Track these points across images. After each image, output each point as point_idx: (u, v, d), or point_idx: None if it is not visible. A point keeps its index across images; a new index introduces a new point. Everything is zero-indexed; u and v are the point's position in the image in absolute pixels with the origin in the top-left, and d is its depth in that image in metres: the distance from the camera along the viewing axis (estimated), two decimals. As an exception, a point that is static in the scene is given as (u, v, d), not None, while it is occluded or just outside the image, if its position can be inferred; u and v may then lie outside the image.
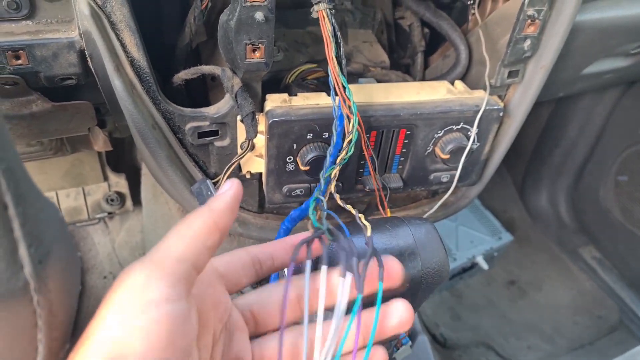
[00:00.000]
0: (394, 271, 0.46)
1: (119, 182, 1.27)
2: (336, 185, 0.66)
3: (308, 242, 0.45)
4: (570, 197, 1.91)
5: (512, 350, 1.63)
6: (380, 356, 0.44)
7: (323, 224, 0.47)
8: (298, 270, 0.46)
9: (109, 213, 1.28)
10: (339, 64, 0.57)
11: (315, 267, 0.45)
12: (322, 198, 0.55)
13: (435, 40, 0.91)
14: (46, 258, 0.26)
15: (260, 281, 0.52)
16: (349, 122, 0.58)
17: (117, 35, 0.58)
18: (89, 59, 0.59)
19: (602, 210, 1.76)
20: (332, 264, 0.45)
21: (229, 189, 0.43)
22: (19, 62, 0.57)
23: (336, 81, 0.56)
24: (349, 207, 0.53)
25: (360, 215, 0.50)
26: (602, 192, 1.75)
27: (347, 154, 0.60)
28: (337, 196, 0.57)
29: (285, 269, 0.50)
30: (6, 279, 0.24)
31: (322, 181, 0.57)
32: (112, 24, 0.57)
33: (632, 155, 1.66)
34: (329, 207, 0.56)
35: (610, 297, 1.80)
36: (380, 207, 0.71)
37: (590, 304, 1.80)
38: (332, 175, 0.59)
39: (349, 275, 0.42)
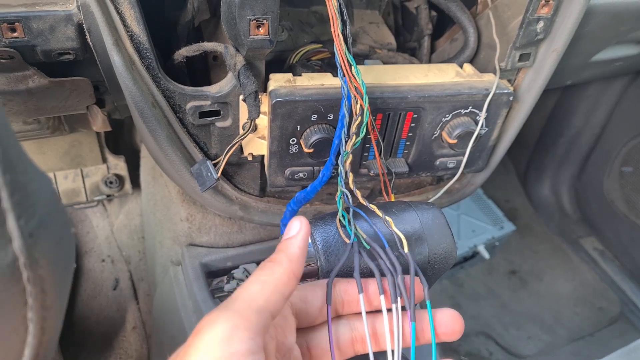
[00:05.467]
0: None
1: (118, 165, 1.26)
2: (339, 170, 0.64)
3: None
4: (574, 188, 1.89)
5: (512, 340, 1.62)
6: None
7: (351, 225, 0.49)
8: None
9: (108, 196, 1.26)
10: (345, 41, 0.55)
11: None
12: (347, 193, 0.53)
13: (442, 24, 0.89)
14: (37, 231, 0.24)
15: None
16: (357, 103, 0.56)
17: (116, 8, 0.56)
18: (87, 32, 0.57)
19: (606, 201, 1.74)
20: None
21: (300, 231, 0.45)
22: (15, 34, 0.55)
23: (343, 59, 0.54)
24: (373, 207, 0.52)
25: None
26: (606, 183, 1.74)
27: (357, 138, 0.57)
28: (358, 193, 0.54)
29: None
30: (-7, 254, 0.23)
31: (342, 171, 0.55)
32: (111, -4, 0.55)
33: (638, 146, 1.64)
34: (332, 191, 0.54)
35: (611, 289, 1.79)
36: (384, 193, 0.69)
37: (591, 295, 1.79)
38: (346, 165, 0.56)
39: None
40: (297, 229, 0.45)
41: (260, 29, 0.55)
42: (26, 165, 0.24)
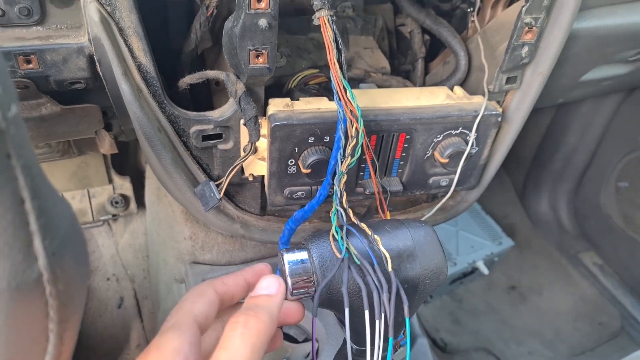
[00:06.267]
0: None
1: (124, 185, 1.29)
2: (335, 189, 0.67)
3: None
4: (571, 203, 1.92)
5: (512, 356, 1.63)
6: None
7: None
8: None
9: (113, 215, 1.29)
10: (341, 68, 0.58)
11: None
12: (342, 211, 0.56)
13: (435, 47, 0.93)
14: (59, 250, 0.27)
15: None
16: (352, 125, 0.59)
17: (125, 41, 0.59)
18: (97, 63, 0.61)
19: (603, 216, 1.77)
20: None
21: (278, 292, 0.46)
22: (30, 66, 0.59)
23: (338, 85, 0.58)
24: (363, 226, 0.55)
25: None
26: (603, 198, 1.76)
27: (352, 159, 0.60)
28: (350, 212, 0.58)
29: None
30: (21, 271, 0.26)
31: (337, 190, 0.58)
32: (120, 30, 0.59)
33: (633, 161, 1.67)
34: (329, 209, 0.57)
35: (611, 304, 1.80)
36: (380, 211, 0.72)
37: (591, 310, 1.80)
38: (341, 185, 0.60)
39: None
40: (276, 288, 0.46)
41: (260, 58, 0.59)
42: (49, 191, 0.28)
